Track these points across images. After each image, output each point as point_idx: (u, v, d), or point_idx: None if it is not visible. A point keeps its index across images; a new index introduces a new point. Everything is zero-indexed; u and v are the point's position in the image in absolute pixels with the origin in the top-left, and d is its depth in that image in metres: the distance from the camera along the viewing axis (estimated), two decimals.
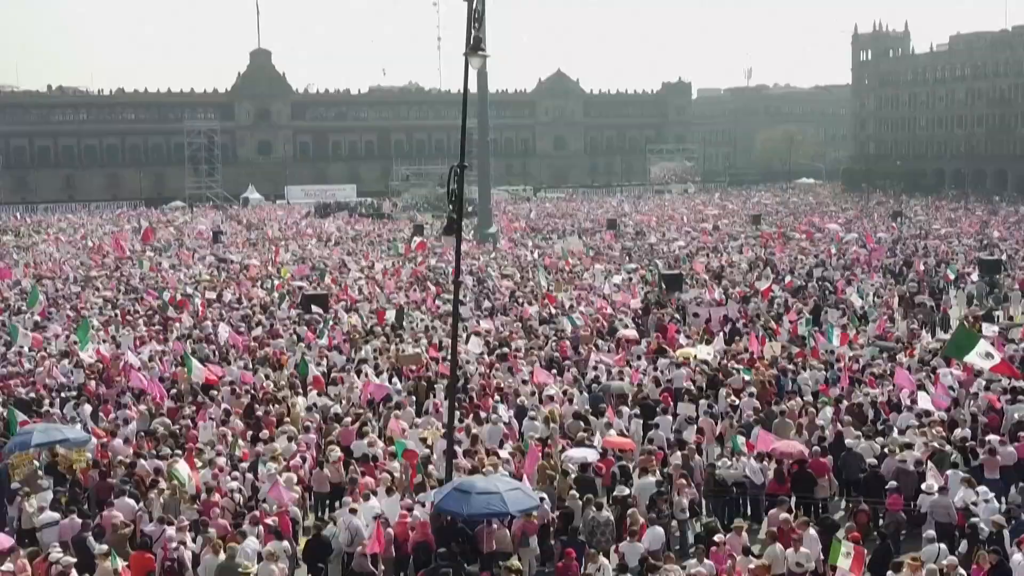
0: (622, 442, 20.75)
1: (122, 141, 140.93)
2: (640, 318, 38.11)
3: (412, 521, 16.95)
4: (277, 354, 31.46)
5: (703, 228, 76.93)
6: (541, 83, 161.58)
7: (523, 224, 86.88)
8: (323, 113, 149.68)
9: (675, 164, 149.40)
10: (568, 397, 24.89)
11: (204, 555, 15.82)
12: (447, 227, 17.71)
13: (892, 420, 22.92)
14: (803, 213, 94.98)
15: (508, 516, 16.11)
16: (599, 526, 17.12)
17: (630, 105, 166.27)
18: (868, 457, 20.27)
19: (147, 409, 24.68)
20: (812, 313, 37.63)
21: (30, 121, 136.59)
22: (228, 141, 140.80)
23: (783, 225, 78.92)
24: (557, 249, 61.20)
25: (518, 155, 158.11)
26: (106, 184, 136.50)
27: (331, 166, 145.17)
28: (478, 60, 16.45)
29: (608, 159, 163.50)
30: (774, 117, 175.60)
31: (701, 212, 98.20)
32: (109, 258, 60.27)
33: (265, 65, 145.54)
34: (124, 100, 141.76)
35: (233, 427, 23.06)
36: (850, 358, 29.19)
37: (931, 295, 42.59)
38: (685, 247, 62.54)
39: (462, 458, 19.74)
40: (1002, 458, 20.19)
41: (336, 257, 59.80)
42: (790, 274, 49.03)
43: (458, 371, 28.37)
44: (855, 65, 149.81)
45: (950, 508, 18.01)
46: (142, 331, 35.72)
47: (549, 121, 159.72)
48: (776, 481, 19.21)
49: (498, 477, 16.85)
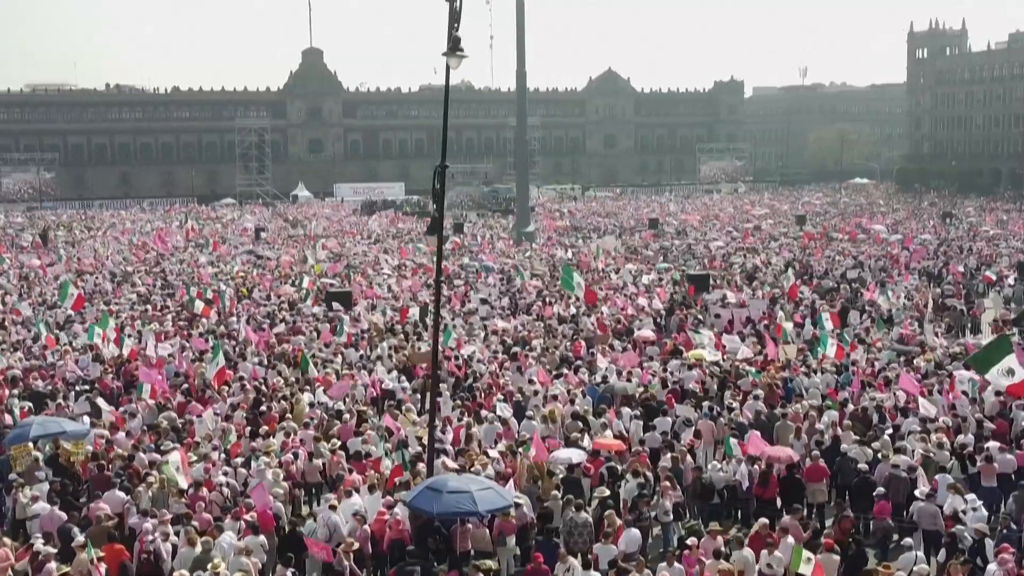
0: (612, 443, 20.67)
1: (176, 139, 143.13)
2: (665, 319, 38.02)
3: (389, 519, 17.05)
4: (295, 351, 31.81)
5: (745, 228, 76.26)
6: (591, 82, 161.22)
7: (566, 223, 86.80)
8: (374, 111, 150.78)
9: (725, 163, 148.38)
10: (571, 397, 24.83)
11: (180, 548, 16.06)
12: (430, 227, 17.74)
13: (899, 425, 22.59)
14: (852, 214, 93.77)
15: (477, 515, 16.13)
16: (576, 527, 17.10)
17: (681, 104, 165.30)
18: (861, 462, 20.02)
19: (155, 403, 25.07)
20: (840, 314, 37.33)
21: (87, 119, 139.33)
22: (280, 139, 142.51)
23: (827, 226, 77.92)
24: (592, 248, 60.93)
25: (568, 154, 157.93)
26: (161, 181, 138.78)
27: (381, 164, 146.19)
28: (456, 60, 16.48)
29: (659, 158, 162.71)
30: (828, 116, 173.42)
31: (748, 212, 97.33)
32: (151, 254, 61.25)
33: (317, 64, 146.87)
34: (179, 99, 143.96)
35: (238, 423, 23.40)
36: (866, 362, 28.83)
37: (965, 298, 41.97)
38: (723, 247, 62.06)
39: (451, 457, 19.84)
40: (1000, 466, 19.80)
41: (373, 255, 60.17)
42: (825, 276, 48.58)
43: (468, 370, 28.87)
44: (910, 63, 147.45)
45: (937, 515, 17.72)
46: (168, 326, 36.35)
47: (599, 120, 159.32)
48: (760, 485, 19.03)
49: (472, 477, 16.89)
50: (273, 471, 19.24)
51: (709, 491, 19.17)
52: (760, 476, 19.12)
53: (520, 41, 67.33)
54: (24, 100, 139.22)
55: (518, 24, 66.74)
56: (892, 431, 21.94)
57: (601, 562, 16.00)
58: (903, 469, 19.10)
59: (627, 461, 20.28)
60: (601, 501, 17.95)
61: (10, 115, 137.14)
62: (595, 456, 20.33)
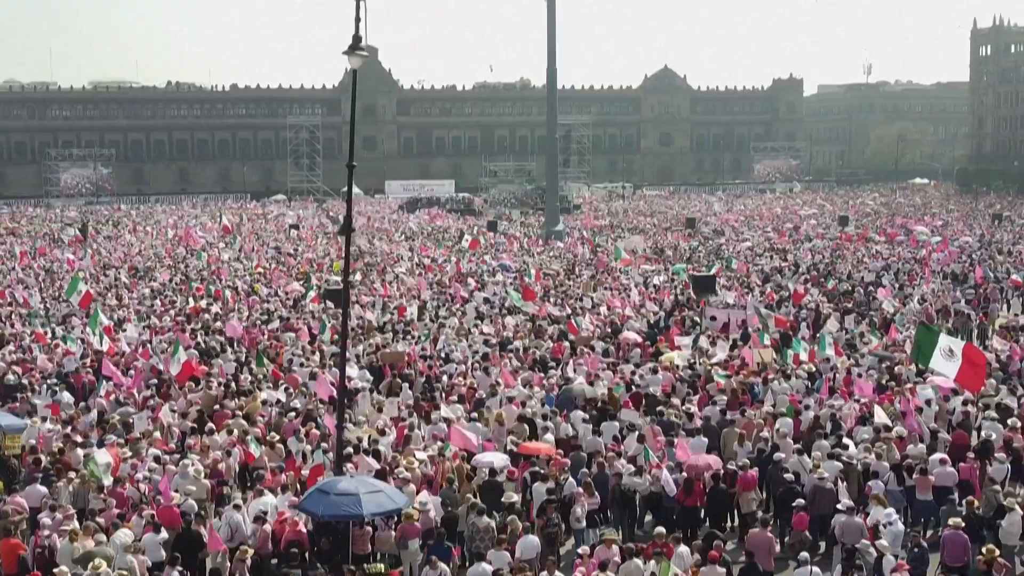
0: (538, 447, 20.37)
1: (233, 135, 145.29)
2: (665, 320, 37.52)
3: (288, 519, 17.00)
4: (277, 347, 32.02)
5: (783, 228, 75.06)
6: (647, 79, 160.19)
7: (605, 222, 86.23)
8: (427, 109, 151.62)
9: (780, 162, 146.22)
10: (522, 399, 24.56)
11: (62, 544, 16.16)
12: (342, 227, 17.59)
13: (848, 433, 21.98)
14: (904, 215, 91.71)
15: (360, 518, 15.97)
16: (478, 532, 16.88)
17: (738, 102, 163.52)
18: (801, 472, 19.49)
19: (115, 398, 25.38)
20: (842, 318, 36.60)
21: (146, 116, 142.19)
22: (334, 136, 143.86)
23: (869, 228, 76.30)
24: (612, 248, 60.34)
25: (622, 151, 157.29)
26: (217, 177, 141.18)
27: (433, 161, 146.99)
28: (357, 60, 16.32)
29: (715, 156, 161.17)
30: (891, 115, 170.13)
31: (795, 212, 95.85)
32: (179, 250, 62.16)
33: (372, 61, 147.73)
34: (235, 96, 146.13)
35: (192, 419, 23.60)
36: (845, 368, 28.06)
37: (983, 303, 40.80)
38: (752, 248, 61.10)
39: (372, 458, 19.75)
40: (938, 479, 19.12)
41: (397, 252, 60.33)
42: (848, 278, 47.58)
43: (439, 370, 28.77)
44: (973, 61, 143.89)
45: (862, 529, 17.16)
46: (167, 322, 36.85)
47: (654, 117, 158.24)
48: (684, 493, 18.60)
49: (363, 479, 16.74)
50: (195, 468, 19.29)
51: (629, 498, 18.79)
52: (684, 484, 18.68)
53: (551, 39, 67.02)
54: (87, 97, 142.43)
55: (548, 22, 66.46)
56: (836, 441, 21.31)
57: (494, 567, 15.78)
58: (829, 480, 18.55)
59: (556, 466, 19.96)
60: (509, 506, 17.69)
61: (73, 112, 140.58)
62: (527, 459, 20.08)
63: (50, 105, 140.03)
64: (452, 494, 18.56)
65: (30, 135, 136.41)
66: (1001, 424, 21.99)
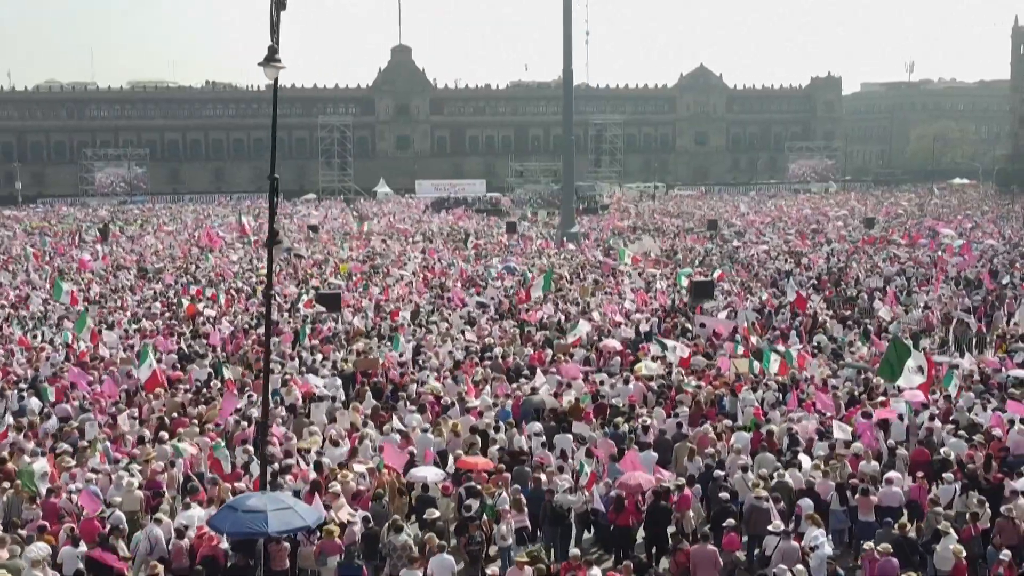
0: (475, 462, 20.07)
1: (268, 135, 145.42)
2: (658, 326, 37.04)
3: (206, 534, 16.86)
4: (259, 351, 31.97)
5: (806, 230, 74.06)
6: (682, 78, 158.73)
7: (629, 223, 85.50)
8: (461, 108, 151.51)
9: (815, 162, 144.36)
10: (480, 409, 24.31)
11: None
12: (267, 239, 17.42)
13: (802, 450, 21.46)
14: (935, 216, 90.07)
15: (265, 535, 15.76)
16: (395, 550, 16.62)
17: (775, 100, 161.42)
18: (742, 491, 19.08)
19: (79, 404, 25.45)
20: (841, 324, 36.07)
21: (183, 115, 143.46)
22: (368, 135, 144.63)
23: (894, 230, 75.01)
24: (631, 249, 59.83)
25: (657, 151, 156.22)
26: (252, 176, 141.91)
27: (467, 161, 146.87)
28: (272, 71, 16.14)
29: (751, 155, 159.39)
30: (932, 113, 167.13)
31: (824, 213, 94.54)
32: (194, 250, 62.57)
33: (405, 61, 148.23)
34: (269, 96, 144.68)
35: (151, 426, 23.62)
36: (822, 380, 27.49)
37: (989, 310, 39.87)
38: (767, 250, 60.26)
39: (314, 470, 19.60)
40: (882, 499, 18.59)
41: (409, 253, 60.23)
42: (856, 284, 46.80)
43: (410, 378, 28.57)
44: (1015, 59, 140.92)
45: (795, 552, 16.68)
46: (160, 325, 37.05)
47: (690, 116, 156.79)
48: (615, 511, 18.22)
49: (274, 496, 16.51)
50: (128, 479, 19.23)
51: (559, 516, 18.43)
52: (615, 502, 18.30)
53: (567, 41, 66.46)
54: (124, 97, 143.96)
55: (565, 21, 65.89)
56: (791, 456, 20.82)
57: None
58: (764, 499, 18.09)
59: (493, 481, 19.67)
60: (431, 522, 17.42)
61: (111, 112, 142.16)
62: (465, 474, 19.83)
63: (88, 105, 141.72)
64: (381, 509, 18.34)
65: (69, 135, 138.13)
66: (967, 442, 21.39)
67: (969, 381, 26.73)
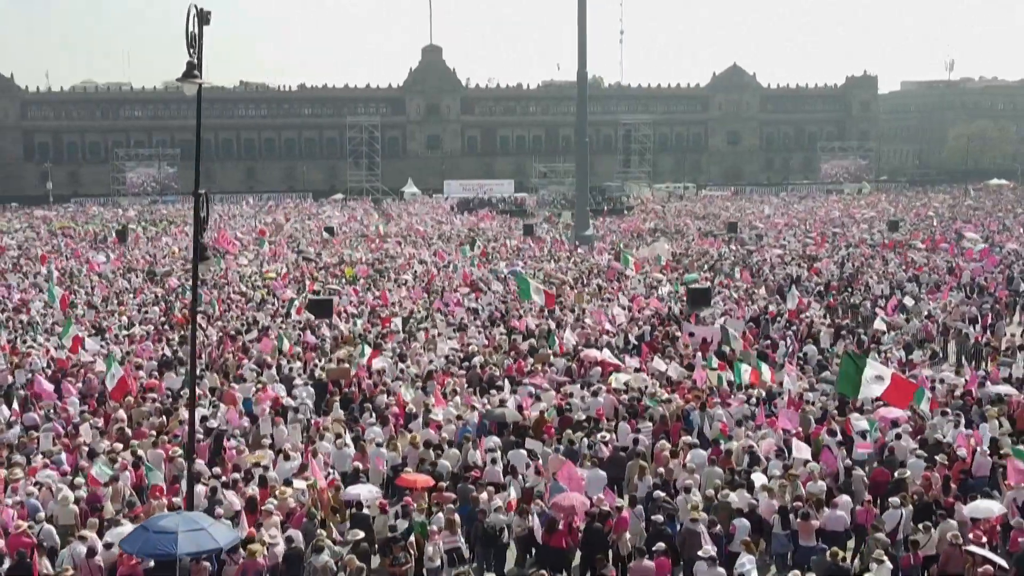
0: (415, 479, 19.79)
1: (299, 135, 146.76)
2: (650, 334, 36.52)
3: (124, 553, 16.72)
4: (240, 359, 31.96)
5: (826, 233, 73.03)
6: (715, 77, 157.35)
7: (651, 225, 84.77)
8: (491, 108, 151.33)
9: (848, 162, 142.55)
10: (438, 423, 24.02)
11: None
12: (197, 254, 17.23)
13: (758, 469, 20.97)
14: (965, 218, 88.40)
15: (173, 557, 15.57)
16: (316, 572, 16.42)
17: (810, 100, 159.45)
18: (684, 513, 18.64)
19: (45, 413, 25.52)
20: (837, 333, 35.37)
21: (215, 115, 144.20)
22: (398, 135, 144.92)
23: (919, 232, 73.71)
24: (642, 253, 59.28)
25: (690, 151, 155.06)
26: (283, 176, 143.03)
27: (497, 160, 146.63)
28: (191, 87, 15.93)
29: (785, 155, 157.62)
30: (971, 112, 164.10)
31: (852, 215, 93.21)
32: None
33: (436, 61, 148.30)
34: (302, 96, 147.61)
35: (110, 435, 23.61)
36: (798, 395, 26.88)
37: (995, 318, 38.91)
38: (780, 255, 59.35)
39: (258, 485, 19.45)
40: (826, 523, 18.08)
41: (420, 256, 60.10)
42: (865, 291, 45.93)
43: (380, 389, 28.35)
44: None
45: None
46: (151, 330, 37.21)
47: (722, 116, 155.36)
48: (547, 532, 17.85)
49: (189, 516, 16.31)
50: (64, 493, 19.16)
51: (491, 536, 18.10)
52: (548, 523, 17.94)
53: (581, 40, 65.97)
54: (157, 98, 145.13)
55: (579, 21, 65.38)
56: (745, 476, 20.34)
57: None
58: (701, 523, 17.65)
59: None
60: (354, 544, 17.18)
61: (144, 112, 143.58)
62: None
63: (123, 105, 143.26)
64: (312, 528, 18.11)
65: (103, 135, 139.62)
66: (927, 463, 20.78)
67: (949, 397, 26.04)
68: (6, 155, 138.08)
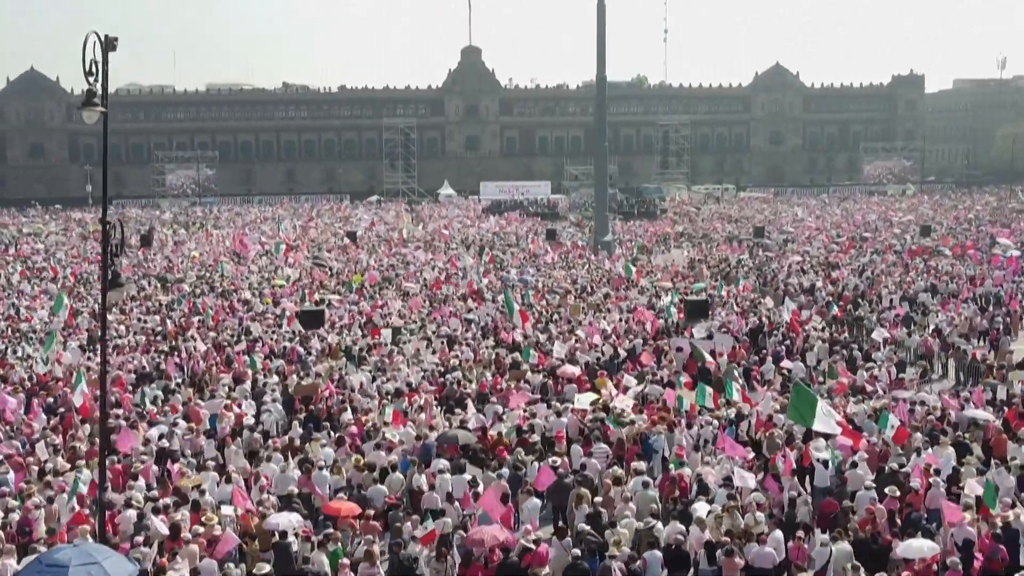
0: (338, 508, 19.46)
1: (339, 136, 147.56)
2: (642, 348, 35.95)
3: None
4: (221, 371, 31.99)
5: (855, 238, 71.69)
6: (758, 77, 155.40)
7: (679, 229, 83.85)
8: (530, 108, 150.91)
9: (892, 163, 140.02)
10: (389, 445, 23.71)
11: None
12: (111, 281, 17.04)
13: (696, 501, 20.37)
14: (1008, 223, 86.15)
15: None
16: None
17: (855, 99, 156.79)
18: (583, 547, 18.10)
19: (7, 430, 25.64)
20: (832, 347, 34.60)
21: (256, 117, 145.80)
22: (437, 136, 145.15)
23: (949, 238, 72.02)
24: (659, 261, 58.62)
25: (731, 151, 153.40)
26: (323, 177, 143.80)
27: (535, 162, 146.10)
28: (92, 115, 15.75)
29: (828, 156, 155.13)
30: (1021, 112, 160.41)
31: (888, 219, 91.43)
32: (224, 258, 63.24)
33: (475, 62, 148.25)
34: (341, 97, 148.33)
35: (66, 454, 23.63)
36: (770, 416, 26.20)
37: (1001, 333, 37.76)
38: (799, 263, 58.27)
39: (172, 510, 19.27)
40: (753, 560, 17.47)
41: (433, 262, 59.90)
42: (877, 301, 44.89)
43: (343, 407, 28.11)
44: None
45: None
46: (139, 340, 37.40)
47: (765, 116, 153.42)
48: (463, 566, 17.46)
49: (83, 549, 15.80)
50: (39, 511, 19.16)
51: (407, 569, 17.74)
52: (463, 557, 17.56)
53: (600, 43, 65.35)
54: (199, 100, 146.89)
55: (599, 27, 64.80)
56: (683, 507, 19.78)
57: None
58: (619, 559, 17.13)
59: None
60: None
61: (187, 114, 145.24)
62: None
63: (165, 108, 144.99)
64: (230, 558, 17.90)
65: (146, 136, 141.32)
66: (881, 493, 20.05)
67: (923, 421, 25.19)
68: (52, 157, 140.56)
